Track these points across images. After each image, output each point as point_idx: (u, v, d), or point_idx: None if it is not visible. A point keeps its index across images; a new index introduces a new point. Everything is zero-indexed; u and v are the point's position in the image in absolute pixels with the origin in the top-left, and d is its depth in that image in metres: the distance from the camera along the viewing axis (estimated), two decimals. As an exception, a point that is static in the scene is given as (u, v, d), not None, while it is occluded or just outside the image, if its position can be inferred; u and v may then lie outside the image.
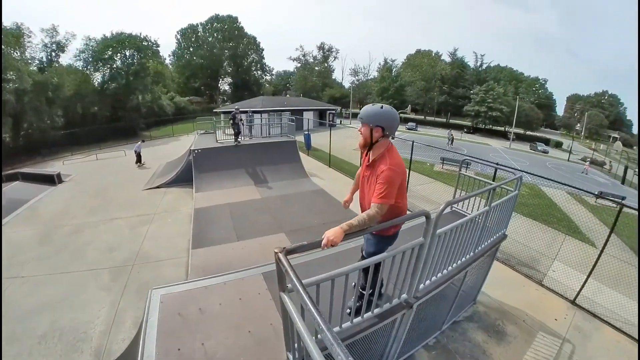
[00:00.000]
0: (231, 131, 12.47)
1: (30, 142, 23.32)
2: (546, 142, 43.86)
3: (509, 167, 5.34)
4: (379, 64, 65.32)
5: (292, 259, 1.77)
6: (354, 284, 2.65)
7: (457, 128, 45.38)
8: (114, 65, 31.54)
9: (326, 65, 66.47)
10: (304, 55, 65.52)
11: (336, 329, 2.38)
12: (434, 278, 3.11)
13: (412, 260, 2.58)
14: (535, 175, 6.66)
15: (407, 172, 9.68)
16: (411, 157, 9.67)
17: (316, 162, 16.20)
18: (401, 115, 42.27)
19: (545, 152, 38.31)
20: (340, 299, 2.22)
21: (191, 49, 56.19)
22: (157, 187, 12.15)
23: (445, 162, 16.86)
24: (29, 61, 24.95)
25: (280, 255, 1.75)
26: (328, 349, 1.24)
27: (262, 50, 61.76)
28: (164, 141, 26.90)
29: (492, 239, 4.04)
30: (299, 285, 1.59)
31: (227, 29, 56.55)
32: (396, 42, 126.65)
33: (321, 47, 65.69)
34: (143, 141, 19.87)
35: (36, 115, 23.35)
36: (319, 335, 1.39)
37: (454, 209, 4.86)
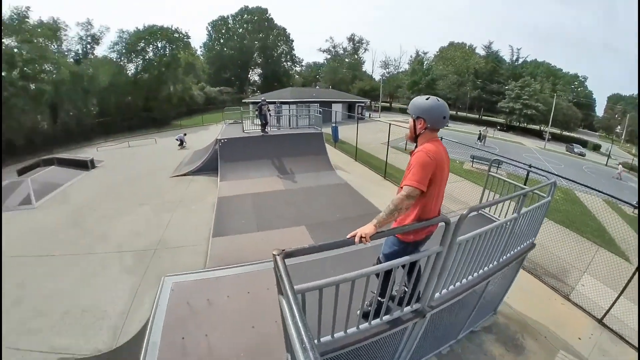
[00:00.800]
0: (260, 122, 12.55)
1: (66, 129, 24.71)
2: (583, 144, 40.98)
3: (543, 170, 4.98)
4: (410, 57, 63.31)
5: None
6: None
7: (490, 125, 43.01)
8: (147, 57, 32.67)
9: (356, 57, 65.41)
10: (334, 47, 64.95)
11: (340, 334, 2.28)
12: (451, 287, 2.89)
13: (427, 269, 2.42)
14: (569, 180, 6.20)
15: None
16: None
17: (342, 155, 16.05)
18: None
19: (582, 154, 35.58)
20: (352, 301, 2.11)
21: (222, 41, 57.20)
22: (184, 174, 12.47)
23: (475, 160, 16.22)
24: (66, 53, 26.39)
25: (278, 258, 1.68)
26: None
27: (292, 41, 62.00)
28: (193, 130, 27.55)
29: (519, 247, 3.73)
30: (289, 291, 1.52)
31: (256, 21, 57.05)
32: (429, 34, 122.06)
33: (351, 39, 64.75)
34: (185, 134, 20.87)
35: (72, 104, 24.76)
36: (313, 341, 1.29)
37: (480, 211, 4.59)
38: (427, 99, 2.15)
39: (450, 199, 10.04)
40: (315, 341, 2.11)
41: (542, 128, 44.23)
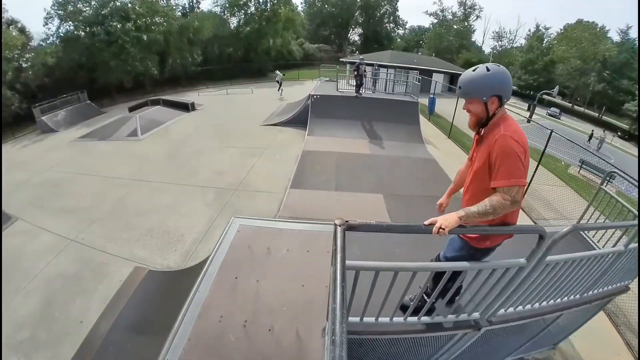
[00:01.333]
0: (354, 82, 12.32)
1: (173, 75, 27.84)
2: None
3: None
4: (529, 31, 53.60)
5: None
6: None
7: (610, 128, 34.81)
8: (248, 11, 34.00)
9: (466, 24, 57.70)
10: (442, 11, 58.14)
11: (384, 319, 2.15)
12: (519, 308, 2.49)
13: (501, 281, 2.06)
14: None
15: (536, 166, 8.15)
16: (545, 149, 8.10)
17: (435, 129, 15.06)
18: (545, 98, 34.93)
19: None
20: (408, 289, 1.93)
21: (323, -3, 56.14)
22: (274, 124, 13.15)
23: (584, 166, 13.56)
24: (174, 7, 28.66)
25: (338, 230, 1.56)
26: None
27: (397, 1, 57.70)
28: (289, 84, 28.43)
29: (611, 287, 2.99)
30: (339, 266, 1.42)
31: (360, -24, 54.22)
32: (555, 6, 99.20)
33: (463, 3, 57.07)
34: (284, 75, 21.83)
35: (179, 53, 27.47)
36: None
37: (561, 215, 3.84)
38: (487, 69, 1.65)
39: (544, 203, 8.77)
40: (357, 319, 2.05)
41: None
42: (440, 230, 1.56)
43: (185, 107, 17.02)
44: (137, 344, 4.10)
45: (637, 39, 43.60)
